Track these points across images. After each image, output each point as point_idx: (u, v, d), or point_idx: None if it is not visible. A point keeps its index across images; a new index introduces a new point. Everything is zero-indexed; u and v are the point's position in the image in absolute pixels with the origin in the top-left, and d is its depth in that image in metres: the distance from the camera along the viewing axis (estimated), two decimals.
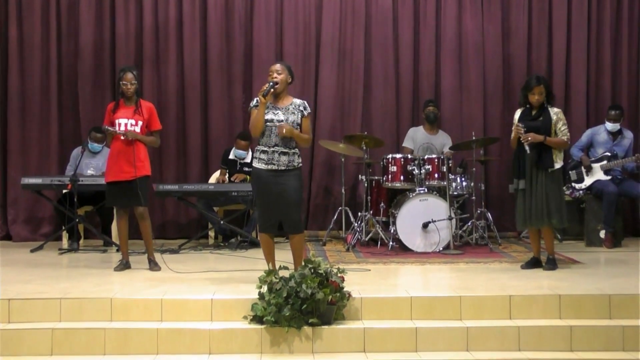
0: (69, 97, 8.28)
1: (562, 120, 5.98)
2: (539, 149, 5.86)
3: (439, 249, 6.98)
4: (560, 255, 6.58)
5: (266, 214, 5.27)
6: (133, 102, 5.97)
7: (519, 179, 5.94)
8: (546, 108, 5.96)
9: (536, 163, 5.86)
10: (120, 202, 5.96)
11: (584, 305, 4.88)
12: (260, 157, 5.22)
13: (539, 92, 5.90)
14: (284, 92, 5.28)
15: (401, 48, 8.48)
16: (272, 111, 5.22)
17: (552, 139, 5.90)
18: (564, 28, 8.48)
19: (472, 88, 8.47)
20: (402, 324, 4.72)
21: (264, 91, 5.11)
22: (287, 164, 5.20)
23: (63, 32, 8.28)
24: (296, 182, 5.23)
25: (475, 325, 4.72)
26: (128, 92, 5.91)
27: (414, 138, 7.99)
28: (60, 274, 5.94)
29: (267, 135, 5.20)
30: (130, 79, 5.91)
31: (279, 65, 5.29)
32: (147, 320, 4.73)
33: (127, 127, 5.88)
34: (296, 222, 5.28)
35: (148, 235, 6.04)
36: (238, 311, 4.74)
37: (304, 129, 5.27)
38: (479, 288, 5.20)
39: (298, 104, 5.30)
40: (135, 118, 5.93)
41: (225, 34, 8.35)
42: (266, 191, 5.20)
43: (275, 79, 5.20)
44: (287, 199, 5.19)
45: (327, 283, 4.64)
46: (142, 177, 5.92)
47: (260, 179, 5.22)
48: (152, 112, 6.07)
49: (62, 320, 4.72)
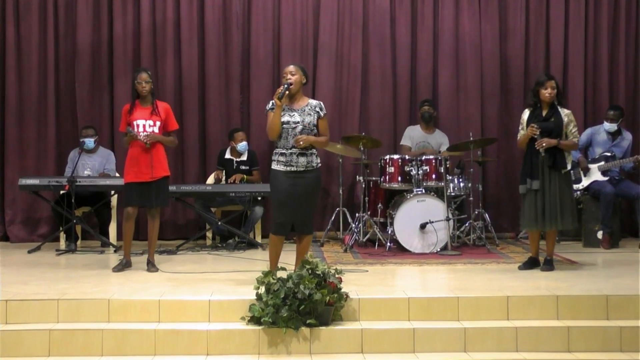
0: (66, 98, 8.27)
1: (573, 122, 5.97)
2: (553, 151, 5.85)
3: (437, 249, 6.98)
4: (558, 255, 6.58)
5: (283, 216, 5.22)
6: (149, 103, 5.98)
7: (533, 179, 5.90)
8: (557, 108, 5.95)
9: (551, 165, 5.85)
10: (136, 201, 5.95)
11: (581, 306, 4.88)
12: (279, 160, 5.22)
13: (552, 86, 5.89)
14: (299, 93, 5.27)
15: (398, 49, 8.48)
16: (288, 113, 5.22)
17: (565, 141, 5.89)
18: (561, 28, 8.49)
19: (469, 89, 8.47)
20: (399, 325, 4.72)
21: (279, 94, 5.11)
22: (306, 165, 5.20)
23: (60, 32, 8.27)
24: (315, 183, 5.25)
25: (473, 326, 4.72)
26: (144, 91, 5.92)
27: (411, 136, 8.01)
28: (58, 275, 5.93)
29: (284, 137, 5.20)
30: (145, 79, 5.93)
31: (293, 67, 5.28)
32: (144, 321, 4.73)
33: (145, 128, 5.91)
34: (310, 222, 5.31)
35: (155, 236, 6.07)
36: (235, 312, 4.74)
37: (321, 130, 5.28)
38: (477, 289, 5.21)
39: (314, 104, 5.30)
40: (152, 119, 5.95)
41: (222, 35, 8.34)
42: (285, 192, 5.17)
43: (289, 80, 5.19)
44: (305, 200, 5.20)
45: (325, 284, 4.64)
46: (162, 178, 5.96)
47: (279, 180, 5.20)
48: (169, 112, 6.09)
49: (60, 321, 4.72)
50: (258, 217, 7.60)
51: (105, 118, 8.25)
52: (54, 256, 6.95)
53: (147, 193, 5.90)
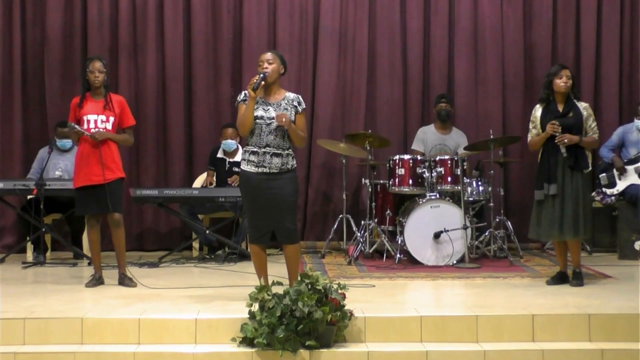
0: (34, 91, 8.29)
1: (592, 116, 6.00)
2: (574, 150, 5.86)
3: (453, 262, 6.98)
4: (590, 269, 6.58)
5: (257, 223, 5.26)
6: (102, 96, 5.97)
7: (550, 183, 5.90)
8: (574, 102, 5.97)
9: (572, 165, 5.85)
10: (92, 209, 5.94)
11: (616, 326, 4.86)
12: (250, 159, 5.21)
13: (567, 75, 5.90)
14: (275, 84, 5.27)
15: (409, 36, 8.50)
16: (262, 107, 5.21)
17: (586, 138, 5.92)
18: (593, 12, 8.50)
19: (489, 81, 8.49)
20: (410, 347, 4.71)
21: (253, 84, 5.10)
22: (280, 166, 5.19)
23: (28, 18, 8.28)
24: (290, 186, 5.22)
25: (494, 348, 4.71)
26: (96, 82, 5.90)
27: (424, 140, 7.99)
28: (24, 290, 5.91)
29: (257, 134, 5.19)
30: (98, 67, 5.90)
31: (270, 55, 5.28)
32: (122, 342, 4.72)
33: (97, 124, 5.88)
34: (291, 231, 5.28)
35: (122, 246, 6.04)
36: (226, 332, 4.73)
37: (299, 128, 5.27)
38: (498, 306, 5.20)
39: (292, 98, 5.30)
40: (105, 114, 5.93)
41: (211, 19, 8.36)
42: (257, 197, 5.19)
43: (265, 70, 5.19)
44: (280, 205, 5.18)
45: (326, 300, 4.64)
46: (116, 180, 5.93)
47: (250, 183, 5.21)
48: (124, 107, 6.07)
49: (26, 343, 4.70)
50: None
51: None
52: (20, 270, 6.94)
53: (100, 198, 5.85)
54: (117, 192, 5.95)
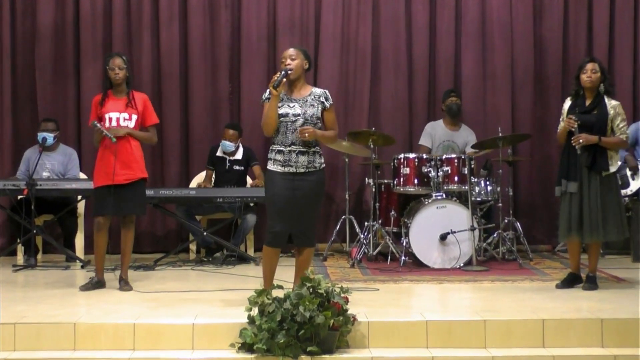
0: (24, 87, 8.31)
1: (620, 116, 5.92)
2: (593, 149, 5.83)
3: (460, 264, 7.00)
4: (603, 272, 6.58)
5: (280, 225, 5.19)
6: (124, 93, 6.00)
7: (569, 180, 5.89)
8: (603, 98, 5.93)
9: (589, 165, 5.84)
10: (112, 209, 5.93)
11: (630, 332, 4.86)
12: (276, 159, 5.21)
13: (592, 69, 5.87)
14: (300, 80, 5.26)
15: (414, 29, 8.50)
16: (287, 104, 5.21)
17: (608, 139, 5.85)
18: (606, 4, 8.50)
19: (497, 76, 8.49)
20: (416, 353, 4.71)
21: (275, 81, 5.10)
22: (307, 165, 5.20)
23: (18, 11, 8.30)
24: (318, 187, 5.24)
25: (503, 354, 4.71)
26: (117, 79, 5.93)
27: (432, 135, 8.00)
28: (15, 294, 5.92)
29: (282, 132, 5.20)
30: (119, 64, 5.94)
31: (293, 50, 5.28)
32: (116, 348, 4.72)
33: (119, 122, 5.91)
34: (311, 233, 5.30)
35: (129, 249, 6.08)
36: (224, 338, 4.73)
37: (328, 124, 5.29)
38: (507, 311, 5.21)
39: (318, 94, 5.29)
40: (128, 111, 5.96)
41: (208, 12, 8.36)
42: (282, 197, 5.16)
43: (289, 66, 5.19)
44: (306, 207, 5.19)
45: (329, 305, 4.64)
46: (139, 180, 5.97)
47: (275, 183, 5.19)
48: (147, 104, 6.11)
49: (17, 350, 4.71)
50: (250, 227, 7.61)
51: (71, 110, 8.28)
52: (10, 273, 6.95)
53: (121, 198, 5.89)
54: (140, 192, 6.00)
